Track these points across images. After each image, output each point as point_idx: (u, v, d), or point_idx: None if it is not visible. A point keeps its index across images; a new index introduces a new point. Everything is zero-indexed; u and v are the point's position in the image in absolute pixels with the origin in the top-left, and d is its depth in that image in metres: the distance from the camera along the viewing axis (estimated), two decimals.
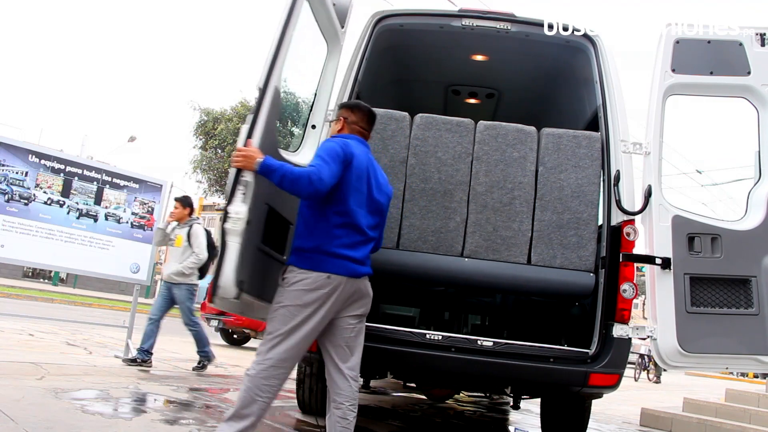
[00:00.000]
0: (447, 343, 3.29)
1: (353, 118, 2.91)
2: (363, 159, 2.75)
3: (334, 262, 2.62)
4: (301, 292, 2.59)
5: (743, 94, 3.51)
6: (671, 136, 37.85)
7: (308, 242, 2.65)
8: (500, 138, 3.62)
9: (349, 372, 2.73)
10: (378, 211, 2.85)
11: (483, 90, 5.33)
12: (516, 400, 4.18)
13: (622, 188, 3.43)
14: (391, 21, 3.97)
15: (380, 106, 3.88)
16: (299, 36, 2.93)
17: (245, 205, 2.46)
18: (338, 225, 2.65)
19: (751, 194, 3.50)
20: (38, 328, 8.78)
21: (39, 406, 3.62)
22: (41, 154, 6.10)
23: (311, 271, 2.61)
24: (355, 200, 2.69)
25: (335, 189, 2.62)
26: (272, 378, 2.56)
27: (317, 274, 2.60)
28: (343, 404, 2.69)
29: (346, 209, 2.66)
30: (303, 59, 3.43)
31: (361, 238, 2.72)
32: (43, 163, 6.03)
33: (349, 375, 2.73)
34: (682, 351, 3.22)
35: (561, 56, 4.27)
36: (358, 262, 2.70)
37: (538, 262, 3.52)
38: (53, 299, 18.78)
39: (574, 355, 3.33)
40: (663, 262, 3.27)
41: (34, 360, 5.27)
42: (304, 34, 3.11)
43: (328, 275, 2.61)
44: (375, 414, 5.17)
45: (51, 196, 6.07)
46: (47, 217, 5.99)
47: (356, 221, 2.69)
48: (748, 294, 3.28)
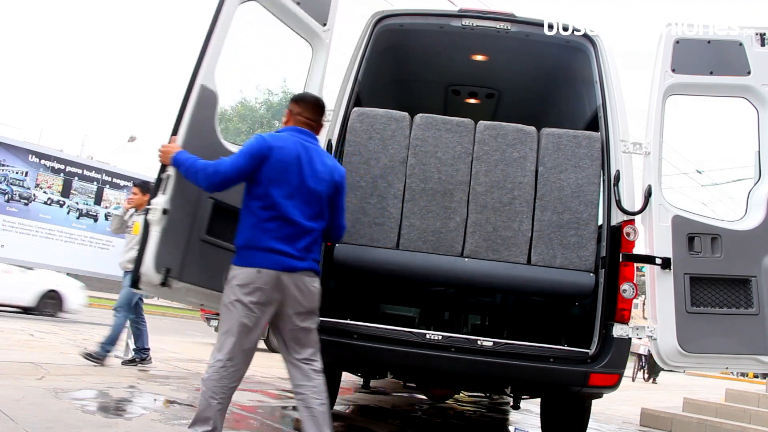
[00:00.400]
0: (447, 343, 3.29)
1: (297, 110, 2.92)
2: (292, 150, 2.74)
3: (265, 257, 2.63)
4: (236, 288, 2.62)
5: (743, 94, 3.52)
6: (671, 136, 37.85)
7: (240, 239, 2.71)
8: (500, 138, 3.61)
9: (302, 363, 2.75)
10: (316, 200, 2.79)
11: (483, 90, 5.33)
12: (516, 400, 4.17)
13: (622, 188, 3.43)
14: (391, 21, 3.97)
15: (380, 106, 3.89)
16: (244, 37, 3.15)
17: (164, 196, 2.69)
18: (267, 219, 2.66)
19: (751, 194, 3.50)
20: (38, 328, 8.79)
21: (39, 406, 3.62)
22: (41, 154, 6.10)
23: (243, 267, 2.65)
24: (281, 192, 2.68)
25: (255, 184, 2.68)
26: (224, 378, 2.59)
27: (248, 269, 2.63)
28: (304, 393, 2.71)
29: (272, 203, 2.67)
30: (264, 60, 3.55)
31: (294, 231, 2.69)
32: (43, 163, 6.04)
33: (303, 365, 2.74)
34: (682, 351, 3.22)
35: (561, 56, 4.27)
36: (293, 256, 2.67)
37: (538, 262, 3.52)
38: None
39: (574, 355, 3.33)
40: (663, 262, 3.27)
41: (34, 360, 5.27)
42: (259, 35, 3.24)
43: (258, 270, 2.62)
44: (375, 414, 5.18)
45: (51, 196, 6.08)
46: (47, 217, 5.99)
47: (286, 213, 2.68)
48: (748, 294, 3.28)
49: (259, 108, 24.13)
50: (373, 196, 3.60)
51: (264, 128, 23.10)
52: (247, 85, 25.73)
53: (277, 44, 3.75)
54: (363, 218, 3.59)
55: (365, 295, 3.93)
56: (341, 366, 4.16)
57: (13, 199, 5.79)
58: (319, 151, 2.89)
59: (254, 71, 24.59)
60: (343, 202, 3.00)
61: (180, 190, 2.75)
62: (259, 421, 4.18)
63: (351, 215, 3.60)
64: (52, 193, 6.07)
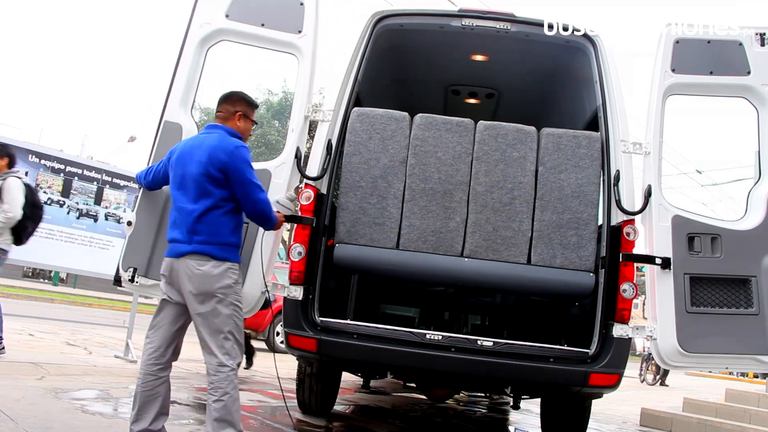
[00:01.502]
0: (447, 343, 3.29)
1: (216, 108, 3.08)
2: (186, 146, 2.94)
3: (168, 247, 2.90)
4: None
5: (743, 94, 3.52)
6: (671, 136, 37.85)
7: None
8: (500, 138, 3.61)
9: (206, 354, 2.78)
10: (196, 183, 2.80)
11: (483, 90, 5.33)
12: (516, 400, 4.18)
13: (622, 188, 3.43)
14: (391, 21, 3.96)
15: (380, 106, 3.89)
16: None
17: (132, 212, 3.37)
18: (171, 213, 2.93)
19: (751, 194, 3.50)
20: (38, 328, 8.78)
21: (39, 406, 3.62)
22: (41, 154, 6.10)
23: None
24: (173, 185, 2.92)
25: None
26: (144, 354, 2.88)
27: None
28: (209, 387, 2.74)
29: (172, 197, 2.93)
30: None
31: (180, 216, 2.84)
32: (43, 163, 6.04)
33: (206, 357, 2.77)
34: (682, 351, 3.22)
35: (561, 56, 4.26)
36: (179, 241, 2.81)
37: (538, 262, 3.52)
38: (53, 299, 18.77)
39: (574, 355, 3.34)
40: (663, 262, 3.27)
41: (34, 360, 5.26)
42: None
43: (164, 259, 2.89)
44: (375, 414, 5.18)
45: (51, 196, 6.07)
46: (47, 217, 5.97)
47: (175, 202, 2.90)
48: (748, 294, 3.29)
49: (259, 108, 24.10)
50: (373, 196, 3.60)
51: (264, 128, 23.09)
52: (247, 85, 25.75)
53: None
54: (363, 218, 3.59)
55: (365, 295, 3.93)
56: (341, 366, 4.16)
57: None
58: (214, 137, 2.89)
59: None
60: (243, 175, 2.83)
61: (147, 204, 3.31)
62: (259, 421, 4.18)
63: (351, 215, 3.60)
64: (52, 193, 6.07)
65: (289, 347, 3.50)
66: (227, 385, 2.68)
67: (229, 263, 2.80)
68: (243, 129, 3.04)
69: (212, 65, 3.61)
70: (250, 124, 3.10)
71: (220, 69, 3.45)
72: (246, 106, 3.06)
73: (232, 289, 2.79)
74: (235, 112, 3.02)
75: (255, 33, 3.53)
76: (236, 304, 2.80)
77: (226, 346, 2.73)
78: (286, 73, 23.37)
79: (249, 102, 3.09)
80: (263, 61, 59.37)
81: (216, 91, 3.15)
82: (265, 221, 2.99)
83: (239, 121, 3.02)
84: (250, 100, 3.11)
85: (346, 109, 3.68)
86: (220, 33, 3.55)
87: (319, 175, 3.51)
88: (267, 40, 3.56)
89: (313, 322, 3.39)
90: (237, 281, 2.84)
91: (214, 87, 3.69)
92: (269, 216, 2.97)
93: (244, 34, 3.54)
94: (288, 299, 3.42)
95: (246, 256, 3.24)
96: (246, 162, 2.86)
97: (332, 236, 3.65)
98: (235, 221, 2.88)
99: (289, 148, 3.46)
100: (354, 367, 4.14)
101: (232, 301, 2.78)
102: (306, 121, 3.54)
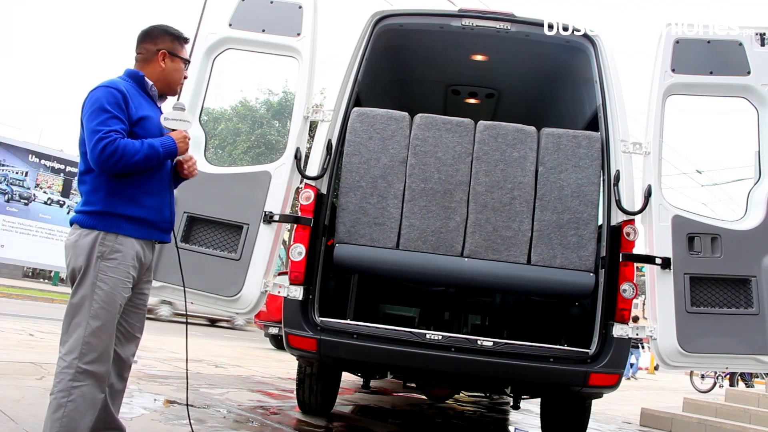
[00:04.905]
0: (447, 343, 3.29)
1: (135, 50, 2.56)
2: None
3: None
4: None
5: (743, 94, 3.52)
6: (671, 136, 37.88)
7: None
8: (500, 138, 3.62)
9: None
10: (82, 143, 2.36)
11: (483, 90, 5.33)
12: (516, 400, 4.17)
13: (622, 188, 3.44)
14: (391, 21, 3.97)
15: (380, 106, 3.89)
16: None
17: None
18: None
19: (751, 194, 3.50)
20: (38, 328, 8.78)
21: (39, 406, 3.61)
22: (41, 154, 6.09)
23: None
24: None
25: None
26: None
27: None
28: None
29: None
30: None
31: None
32: (43, 163, 6.03)
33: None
34: (682, 351, 3.22)
35: (561, 56, 4.27)
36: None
37: (538, 262, 3.52)
38: (53, 299, 18.75)
39: (574, 355, 3.34)
40: (663, 262, 3.27)
41: (34, 360, 5.26)
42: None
43: None
44: (375, 414, 5.18)
45: (51, 196, 6.07)
46: (47, 217, 5.98)
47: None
48: (748, 294, 3.29)
49: (259, 108, 24.12)
50: (373, 196, 3.60)
51: (264, 128, 23.08)
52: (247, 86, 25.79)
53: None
54: (363, 218, 3.59)
55: (365, 295, 3.93)
56: (341, 366, 4.16)
57: (13, 199, 5.78)
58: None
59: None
60: (84, 124, 2.31)
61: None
62: (259, 421, 4.18)
63: (351, 215, 3.61)
64: (52, 193, 6.07)
65: (289, 347, 3.50)
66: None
67: (96, 231, 2.30)
68: (169, 71, 2.48)
69: (218, 74, 3.69)
70: (180, 64, 2.52)
71: (225, 76, 3.49)
72: (171, 41, 2.49)
73: (97, 264, 2.27)
74: (158, 50, 2.46)
75: (256, 39, 3.61)
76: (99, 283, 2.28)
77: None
78: (287, 75, 23.32)
79: (175, 35, 2.52)
80: (267, 68, 59.53)
81: (215, 91, 3.14)
82: (138, 165, 2.26)
83: (164, 62, 2.47)
84: (176, 33, 2.54)
85: (346, 109, 3.69)
86: (224, 42, 3.65)
87: (318, 175, 3.51)
88: (268, 45, 3.64)
89: (313, 322, 3.40)
90: (110, 253, 2.30)
91: (216, 90, 3.70)
92: (137, 160, 2.24)
93: (247, 41, 3.64)
94: (288, 299, 3.42)
95: (246, 256, 3.24)
96: (94, 104, 2.24)
97: (332, 236, 3.65)
98: (116, 184, 2.31)
99: (289, 150, 3.47)
100: (354, 367, 4.14)
101: (93, 280, 2.27)
102: (306, 122, 3.56)
